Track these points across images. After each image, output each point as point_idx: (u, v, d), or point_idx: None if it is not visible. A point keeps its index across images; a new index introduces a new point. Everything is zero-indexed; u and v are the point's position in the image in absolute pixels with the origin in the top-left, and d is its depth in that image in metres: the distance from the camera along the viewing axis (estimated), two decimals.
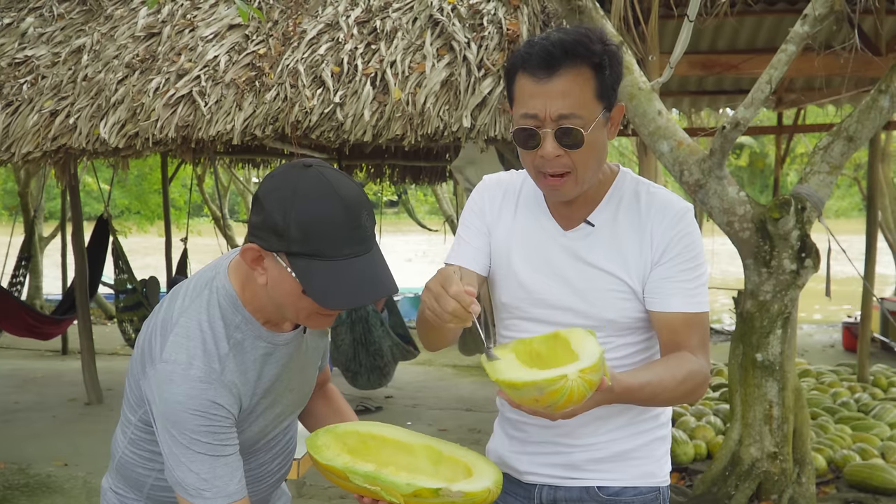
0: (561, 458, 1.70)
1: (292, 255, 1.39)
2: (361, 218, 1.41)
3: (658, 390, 1.54)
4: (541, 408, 1.36)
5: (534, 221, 1.72)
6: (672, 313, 1.63)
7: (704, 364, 1.62)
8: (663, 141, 3.80)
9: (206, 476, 1.43)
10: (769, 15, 6.25)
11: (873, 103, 3.73)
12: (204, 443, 1.43)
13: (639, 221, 1.66)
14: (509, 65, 1.62)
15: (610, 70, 1.57)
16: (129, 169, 5.80)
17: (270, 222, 1.39)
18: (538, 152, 1.55)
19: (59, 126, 4.97)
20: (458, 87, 4.62)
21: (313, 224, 1.37)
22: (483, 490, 1.45)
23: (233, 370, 1.48)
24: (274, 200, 1.39)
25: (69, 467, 5.25)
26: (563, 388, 1.30)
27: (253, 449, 1.61)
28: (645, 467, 1.72)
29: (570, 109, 1.52)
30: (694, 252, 1.65)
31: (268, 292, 1.47)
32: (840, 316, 12.05)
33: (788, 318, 3.78)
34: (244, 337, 1.51)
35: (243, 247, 1.45)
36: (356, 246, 1.40)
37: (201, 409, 1.43)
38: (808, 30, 3.56)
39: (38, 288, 12.62)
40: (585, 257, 1.65)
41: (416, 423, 6.42)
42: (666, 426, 1.77)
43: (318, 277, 1.38)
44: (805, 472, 3.93)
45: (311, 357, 1.71)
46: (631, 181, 1.71)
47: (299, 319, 1.50)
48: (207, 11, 5.62)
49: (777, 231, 3.66)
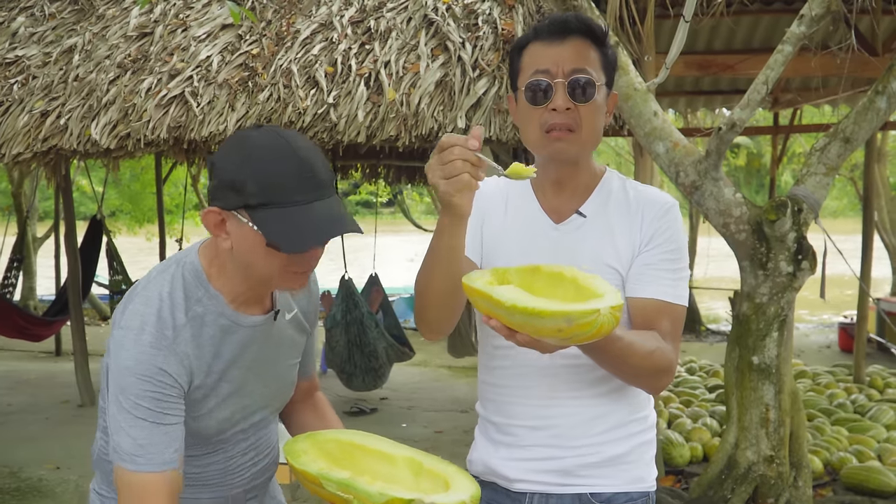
0: (553, 463, 1.68)
1: (251, 209, 1.41)
2: (316, 167, 1.43)
3: (628, 352, 1.53)
4: (561, 338, 1.34)
5: (525, 216, 1.72)
6: (648, 299, 1.64)
7: (672, 352, 1.62)
8: (659, 142, 3.78)
9: (143, 442, 1.41)
10: (765, 14, 6.23)
11: (870, 104, 3.70)
12: (146, 408, 1.42)
13: (628, 211, 1.68)
14: (517, 42, 1.70)
15: (610, 51, 1.68)
16: (119, 170, 5.75)
17: (227, 180, 1.42)
18: (549, 105, 1.60)
19: (50, 127, 4.93)
20: (453, 87, 4.59)
21: (268, 174, 1.39)
22: (458, 503, 1.41)
23: (187, 341, 1.48)
24: (228, 160, 1.43)
25: (61, 471, 5.21)
26: (595, 321, 1.30)
27: (219, 439, 1.59)
28: (635, 472, 1.71)
29: (581, 65, 1.61)
30: (677, 245, 1.67)
31: (234, 259, 1.48)
32: (836, 316, 12.05)
33: (785, 320, 3.75)
34: (205, 311, 1.51)
35: (204, 211, 1.47)
36: (313, 192, 1.42)
37: (147, 374, 1.42)
38: (805, 30, 3.53)
39: (31, 289, 12.58)
40: (578, 248, 1.66)
41: (412, 425, 6.39)
42: (652, 430, 1.77)
43: (277, 224, 1.40)
44: (802, 476, 3.90)
45: (286, 350, 1.66)
46: (618, 178, 1.76)
47: (271, 282, 1.50)
48: (200, 11, 5.58)
49: (773, 233, 3.64)
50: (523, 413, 1.70)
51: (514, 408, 1.71)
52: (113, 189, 13.63)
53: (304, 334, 1.72)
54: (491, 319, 1.39)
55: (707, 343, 10.58)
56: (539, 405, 1.68)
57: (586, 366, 1.64)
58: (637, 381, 1.65)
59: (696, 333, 11.13)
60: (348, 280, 6.60)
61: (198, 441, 1.57)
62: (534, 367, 1.68)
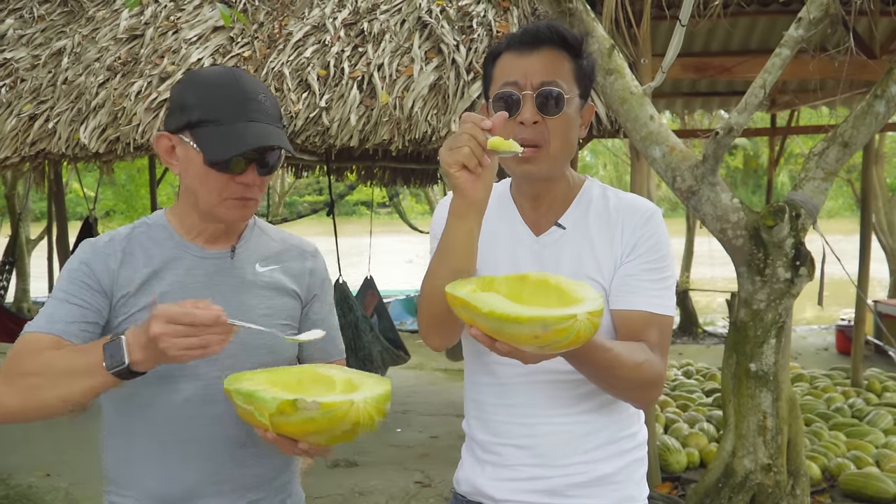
0: (540, 483, 1.64)
1: (192, 128, 1.51)
2: (259, 95, 1.53)
3: (616, 363, 1.49)
4: (536, 345, 1.29)
5: (506, 228, 1.70)
6: (634, 311, 1.60)
7: (660, 364, 1.58)
8: (655, 146, 3.73)
9: (49, 311, 1.53)
10: (762, 16, 6.20)
11: (869, 108, 3.65)
12: (61, 289, 1.55)
13: (608, 221, 1.65)
14: (491, 51, 1.66)
15: (586, 61, 1.64)
16: (113, 173, 5.70)
17: (174, 102, 1.55)
18: (517, 118, 1.56)
19: (39, 130, 4.87)
20: (447, 90, 4.53)
21: (209, 91, 1.52)
22: (343, 402, 1.33)
23: (121, 248, 1.59)
24: (178, 86, 1.57)
25: (51, 478, 5.16)
26: (571, 328, 1.25)
27: (169, 374, 1.54)
28: (625, 491, 1.67)
29: (551, 77, 1.57)
30: (661, 254, 1.64)
31: (183, 188, 1.58)
32: (834, 318, 12.03)
33: (783, 327, 3.71)
34: (150, 233, 1.63)
35: (155, 136, 1.58)
36: (254, 114, 1.52)
37: (74, 266, 1.57)
38: (803, 33, 3.49)
39: (25, 291, 12.54)
40: (559, 260, 1.64)
41: (406, 430, 6.34)
42: (643, 447, 1.73)
43: (213, 139, 1.50)
44: (799, 484, 3.86)
45: (255, 301, 1.61)
46: (598, 187, 1.73)
47: (213, 210, 1.56)
48: (191, 13, 5.52)
49: (771, 239, 3.59)
50: (508, 431, 1.66)
51: (499, 426, 1.68)
52: (108, 189, 13.58)
53: (289, 298, 1.68)
54: (471, 328, 1.35)
55: (704, 345, 10.54)
56: (524, 423, 1.65)
57: (572, 382, 1.60)
58: (625, 394, 1.61)
59: (692, 336, 11.10)
60: (343, 283, 6.56)
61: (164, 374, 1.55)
62: (518, 384, 1.64)
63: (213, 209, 1.57)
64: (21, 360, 1.46)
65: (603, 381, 1.55)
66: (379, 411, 1.37)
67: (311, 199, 12.76)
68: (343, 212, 8.74)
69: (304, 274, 1.72)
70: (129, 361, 1.34)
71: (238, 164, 1.52)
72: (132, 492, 1.60)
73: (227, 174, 1.52)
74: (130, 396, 1.59)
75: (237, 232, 1.68)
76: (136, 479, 1.59)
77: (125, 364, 1.35)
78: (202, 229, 1.62)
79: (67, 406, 1.42)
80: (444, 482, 5.07)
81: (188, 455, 1.57)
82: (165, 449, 1.57)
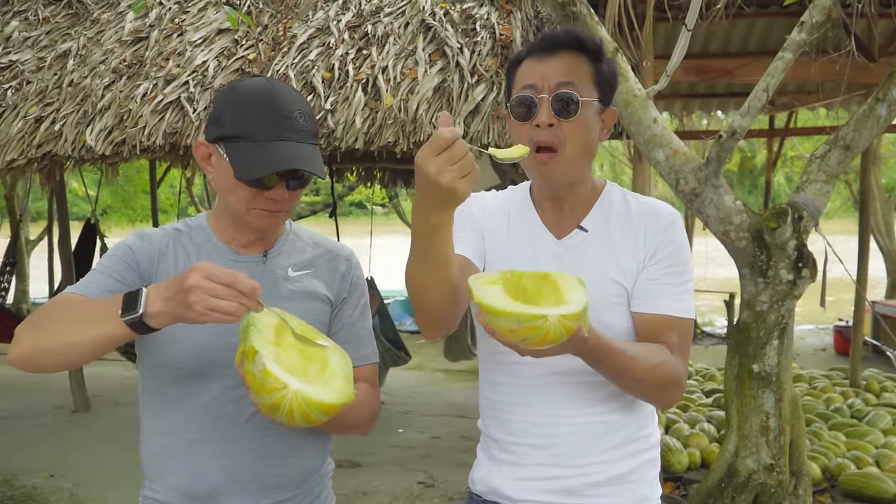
0: (556, 483, 1.66)
1: (226, 141, 1.57)
2: (294, 113, 1.56)
3: (630, 365, 1.52)
4: (514, 340, 1.36)
5: (526, 232, 1.71)
6: (656, 315, 1.63)
7: (680, 366, 1.61)
8: (659, 149, 3.76)
9: (86, 280, 1.61)
10: (761, 17, 6.24)
11: (870, 111, 3.68)
12: (101, 264, 1.64)
13: (630, 225, 1.67)
14: (513, 59, 1.69)
15: (606, 66, 1.65)
16: (117, 175, 5.71)
17: (213, 115, 1.61)
18: (533, 121, 1.58)
19: (45, 133, 4.88)
20: (451, 93, 4.56)
21: (243, 107, 1.56)
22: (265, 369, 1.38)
23: (166, 243, 1.67)
24: (218, 98, 1.62)
25: (55, 478, 5.18)
26: (541, 327, 1.32)
27: (199, 373, 1.60)
28: (640, 491, 1.70)
29: (568, 78, 1.59)
30: (682, 258, 1.66)
31: (219, 193, 1.64)
32: (831, 319, 12.07)
33: (785, 328, 3.74)
34: (189, 232, 1.70)
35: (195, 143, 1.65)
36: (286, 132, 1.55)
37: (119, 246, 1.67)
38: (806, 37, 3.52)
39: (24, 292, 12.54)
40: (581, 263, 1.65)
41: (408, 430, 6.37)
42: (656, 448, 1.75)
43: (242, 155, 1.54)
44: (802, 484, 3.89)
45: (284, 304, 1.61)
46: (619, 191, 1.74)
47: (241, 218, 1.62)
48: (196, 15, 5.54)
49: (774, 241, 3.62)
50: (525, 431, 1.68)
51: (516, 425, 1.69)
52: (105, 189, 13.57)
53: (320, 302, 1.71)
54: (478, 316, 1.41)
55: (703, 346, 10.58)
56: (542, 423, 1.66)
57: (590, 383, 1.62)
58: (644, 395, 1.64)
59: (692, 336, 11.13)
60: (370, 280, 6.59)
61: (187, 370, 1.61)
62: (536, 384, 1.66)
63: (241, 217, 1.63)
64: (47, 308, 1.52)
65: (620, 381, 1.58)
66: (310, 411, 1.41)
67: (309, 199, 12.75)
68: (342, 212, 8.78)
69: (336, 278, 1.75)
70: (144, 311, 1.37)
71: (269, 180, 1.55)
72: (162, 486, 1.64)
73: (256, 188, 1.56)
74: (161, 395, 1.63)
75: (272, 238, 1.72)
76: (166, 475, 1.64)
77: (139, 313, 1.37)
78: (236, 234, 1.68)
79: (75, 354, 1.45)
80: (447, 483, 5.10)
81: (214, 453, 1.61)
82: (192, 447, 1.61)
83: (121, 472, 5.18)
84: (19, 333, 1.48)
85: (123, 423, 6.24)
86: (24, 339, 1.47)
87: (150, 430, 1.68)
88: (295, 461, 1.67)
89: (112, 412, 6.91)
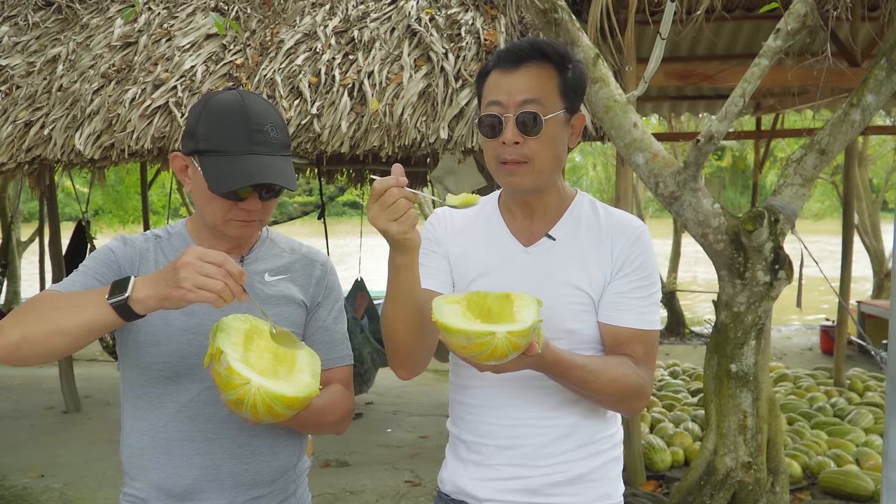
0: (521, 482, 1.71)
1: (200, 154, 1.62)
2: (265, 126, 1.61)
3: (591, 378, 1.58)
4: (466, 355, 1.43)
5: (493, 240, 1.75)
6: (622, 328, 1.68)
7: (645, 376, 1.66)
8: (639, 153, 3.83)
9: (68, 279, 1.66)
10: (747, 21, 6.31)
11: (845, 117, 3.76)
12: (84, 265, 1.69)
13: (599, 235, 1.71)
14: (481, 70, 1.72)
15: (573, 73, 1.67)
16: (105, 178, 5.75)
17: (187, 126, 1.66)
18: (500, 139, 1.63)
19: (34, 137, 4.93)
20: (436, 97, 4.62)
21: (216, 121, 1.60)
22: None
23: (147, 249, 1.73)
24: (193, 111, 1.67)
25: (45, 478, 5.22)
26: (489, 343, 1.39)
27: (178, 374, 1.66)
28: (602, 489, 1.74)
29: (532, 95, 1.62)
30: (648, 271, 1.70)
31: (196, 204, 1.70)
32: (819, 318, 12.15)
33: (762, 329, 3.81)
34: (168, 238, 1.77)
35: (172, 155, 1.70)
36: (257, 146, 1.60)
37: (101, 249, 1.73)
38: (781, 44, 3.59)
39: (16, 293, 12.52)
40: (548, 271, 1.69)
41: (397, 430, 6.42)
42: (619, 447, 1.81)
43: (216, 169, 1.59)
44: (779, 482, 3.96)
45: (265, 308, 1.68)
46: (589, 201, 1.78)
47: (217, 228, 1.68)
48: (184, 21, 5.59)
49: (751, 243, 3.69)
50: (492, 432, 1.73)
51: (483, 427, 1.74)
52: (97, 189, 13.58)
53: (295, 306, 1.76)
54: (439, 334, 1.47)
55: (691, 346, 10.65)
56: (508, 425, 1.71)
57: (554, 387, 1.67)
58: (607, 405, 1.70)
59: (679, 336, 11.20)
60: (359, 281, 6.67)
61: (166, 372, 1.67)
62: (502, 388, 1.71)
63: (218, 228, 1.69)
64: (31, 301, 1.57)
65: (582, 393, 1.64)
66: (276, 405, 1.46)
67: (302, 199, 12.79)
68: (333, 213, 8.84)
69: (311, 283, 1.81)
70: (130, 295, 1.43)
71: (242, 192, 1.61)
72: (142, 484, 1.70)
73: (230, 200, 1.62)
74: (142, 396, 1.69)
75: (248, 244, 1.78)
76: (146, 473, 1.69)
77: (125, 296, 1.43)
78: (213, 242, 1.74)
79: (61, 342, 1.48)
80: (434, 481, 5.15)
81: (193, 452, 1.67)
82: (172, 446, 1.67)
83: (111, 472, 5.23)
84: (4, 326, 1.51)
85: (114, 423, 6.25)
86: (8, 331, 1.49)
87: (131, 430, 1.73)
88: (269, 459, 1.73)
89: (102, 413, 6.94)
